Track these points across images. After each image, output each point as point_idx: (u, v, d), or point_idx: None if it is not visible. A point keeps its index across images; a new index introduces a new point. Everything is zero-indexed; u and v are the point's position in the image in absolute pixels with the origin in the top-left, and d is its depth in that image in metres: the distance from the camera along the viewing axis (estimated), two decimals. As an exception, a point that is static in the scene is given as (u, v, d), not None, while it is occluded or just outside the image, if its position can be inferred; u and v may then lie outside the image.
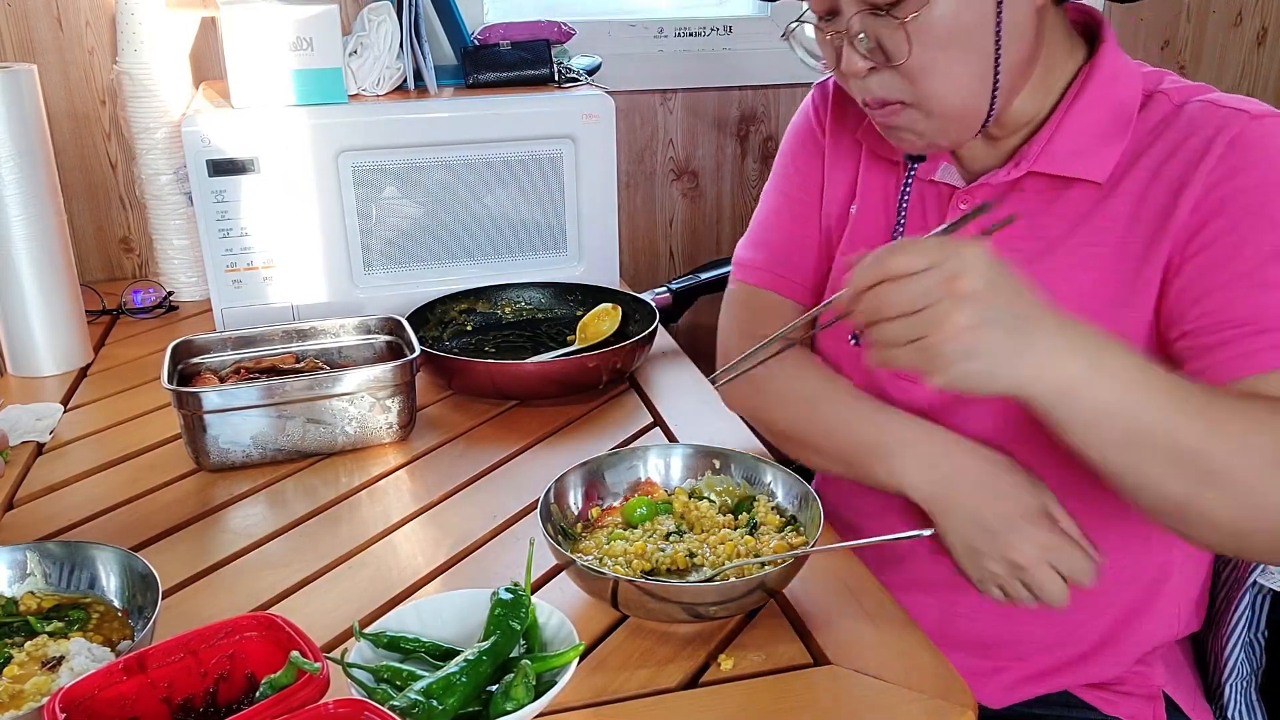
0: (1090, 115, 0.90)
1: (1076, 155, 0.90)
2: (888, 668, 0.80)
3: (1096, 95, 0.91)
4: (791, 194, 1.13)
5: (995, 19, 0.83)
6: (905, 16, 0.81)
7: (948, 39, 0.83)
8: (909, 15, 0.81)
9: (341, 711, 0.64)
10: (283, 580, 0.93)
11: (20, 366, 1.38)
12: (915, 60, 0.83)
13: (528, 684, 0.72)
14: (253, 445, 1.12)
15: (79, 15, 1.64)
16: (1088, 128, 0.90)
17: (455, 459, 1.17)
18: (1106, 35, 0.93)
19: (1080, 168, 0.90)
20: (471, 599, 0.81)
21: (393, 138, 1.46)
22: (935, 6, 0.81)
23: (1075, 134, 0.90)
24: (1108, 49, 0.92)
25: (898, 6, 0.82)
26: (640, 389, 1.34)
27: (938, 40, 0.83)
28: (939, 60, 0.84)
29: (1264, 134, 0.83)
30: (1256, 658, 1.06)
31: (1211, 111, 0.86)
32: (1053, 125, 0.91)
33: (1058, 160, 0.91)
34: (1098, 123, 0.90)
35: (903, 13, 0.82)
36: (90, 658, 0.77)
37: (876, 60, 0.86)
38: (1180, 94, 0.90)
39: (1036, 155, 0.92)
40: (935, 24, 0.82)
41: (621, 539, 0.91)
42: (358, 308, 1.51)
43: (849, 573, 0.92)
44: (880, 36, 0.84)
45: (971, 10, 0.82)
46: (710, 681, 0.80)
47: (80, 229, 1.73)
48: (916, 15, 0.81)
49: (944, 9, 0.81)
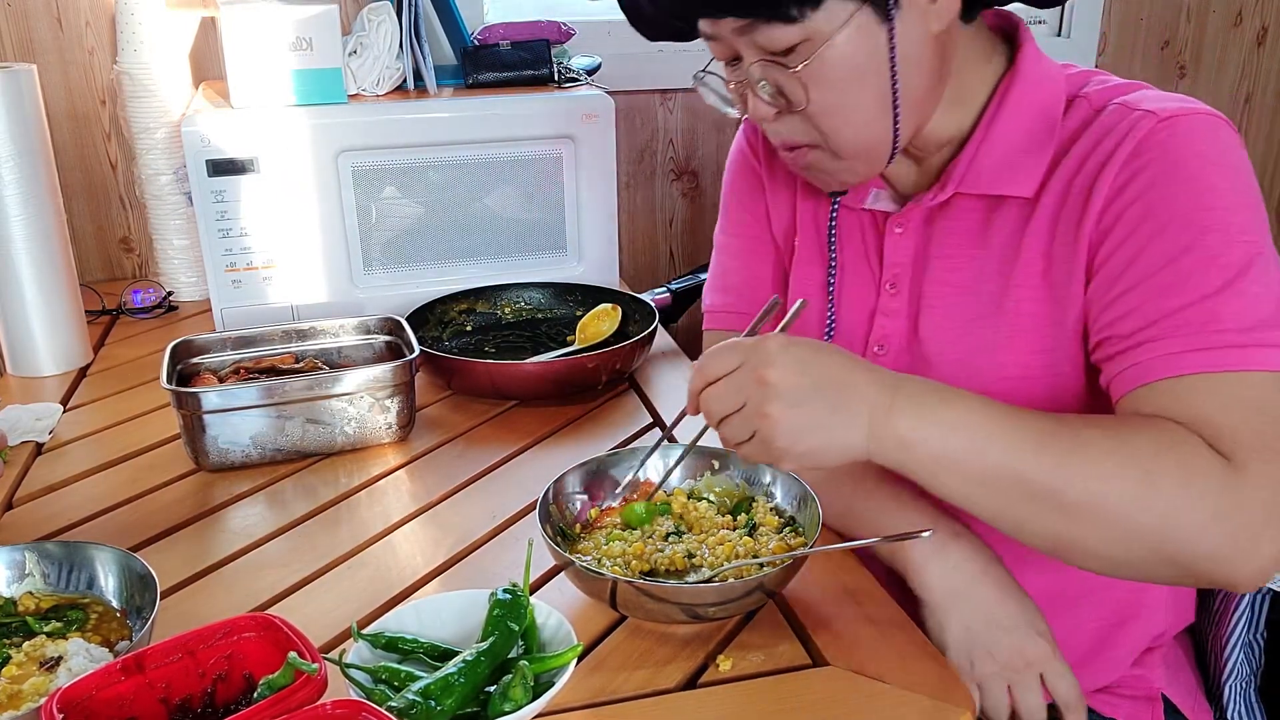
0: (1013, 127, 0.88)
1: (1002, 171, 0.89)
2: (886, 669, 0.80)
3: (1018, 105, 0.89)
4: (742, 231, 1.11)
5: (889, 55, 0.82)
6: (797, 65, 0.81)
7: (842, 81, 0.82)
8: (799, 64, 0.81)
9: (339, 712, 0.64)
10: (282, 580, 0.93)
11: (20, 366, 1.38)
12: (814, 105, 0.83)
13: (526, 685, 0.72)
14: (252, 445, 1.12)
15: (79, 15, 1.64)
16: (1011, 141, 0.88)
17: (454, 459, 1.17)
18: (1025, 39, 0.91)
19: (1007, 184, 0.89)
20: (470, 599, 0.81)
21: (392, 138, 1.46)
22: (826, 51, 0.80)
23: (998, 150, 0.89)
24: (1027, 54, 0.90)
25: (789, 55, 0.82)
26: (640, 389, 1.34)
27: (832, 83, 0.82)
28: (837, 102, 0.83)
29: (1169, 134, 0.81)
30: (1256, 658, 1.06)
31: (1122, 114, 0.84)
32: (975, 142, 0.90)
33: (984, 179, 0.89)
34: (1021, 135, 0.88)
35: (794, 62, 0.81)
36: (88, 658, 0.77)
37: (780, 105, 0.85)
38: (1101, 96, 0.87)
39: (962, 175, 0.90)
40: (828, 68, 0.81)
41: (620, 540, 0.91)
42: (357, 308, 1.51)
43: (848, 574, 0.92)
44: (779, 83, 0.84)
45: (862, 51, 0.81)
46: (709, 682, 0.80)
47: (80, 229, 1.73)
48: (808, 62, 0.81)
49: (835, 53, 0.81)
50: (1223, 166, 0.80)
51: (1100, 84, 0.89)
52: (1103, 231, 0.83)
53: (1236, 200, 0.79)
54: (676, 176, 2.02)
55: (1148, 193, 0.80)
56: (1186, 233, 0.78)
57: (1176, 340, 0.76)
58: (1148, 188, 0.80)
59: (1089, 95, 0.88)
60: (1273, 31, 2.21)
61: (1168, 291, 0.78)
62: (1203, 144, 0.80)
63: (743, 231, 1.11)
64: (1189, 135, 0.80)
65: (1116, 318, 0.81)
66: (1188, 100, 0.84)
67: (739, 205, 1.11)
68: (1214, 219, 0.78)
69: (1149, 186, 0.80)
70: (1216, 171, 0.79)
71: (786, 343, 0.76)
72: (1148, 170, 0.80)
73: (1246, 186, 0.80)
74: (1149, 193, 0.80)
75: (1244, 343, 0.75)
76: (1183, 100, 0.84)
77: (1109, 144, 0.83)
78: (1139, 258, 0.80)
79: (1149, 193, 0.80)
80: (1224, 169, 0.80)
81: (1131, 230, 0.80)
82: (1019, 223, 0.89)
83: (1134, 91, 0.86)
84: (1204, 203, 0.78)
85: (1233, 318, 0.75)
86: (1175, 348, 0.76)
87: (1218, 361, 0.75)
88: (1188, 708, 1.01)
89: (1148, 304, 0.79)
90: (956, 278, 0.93)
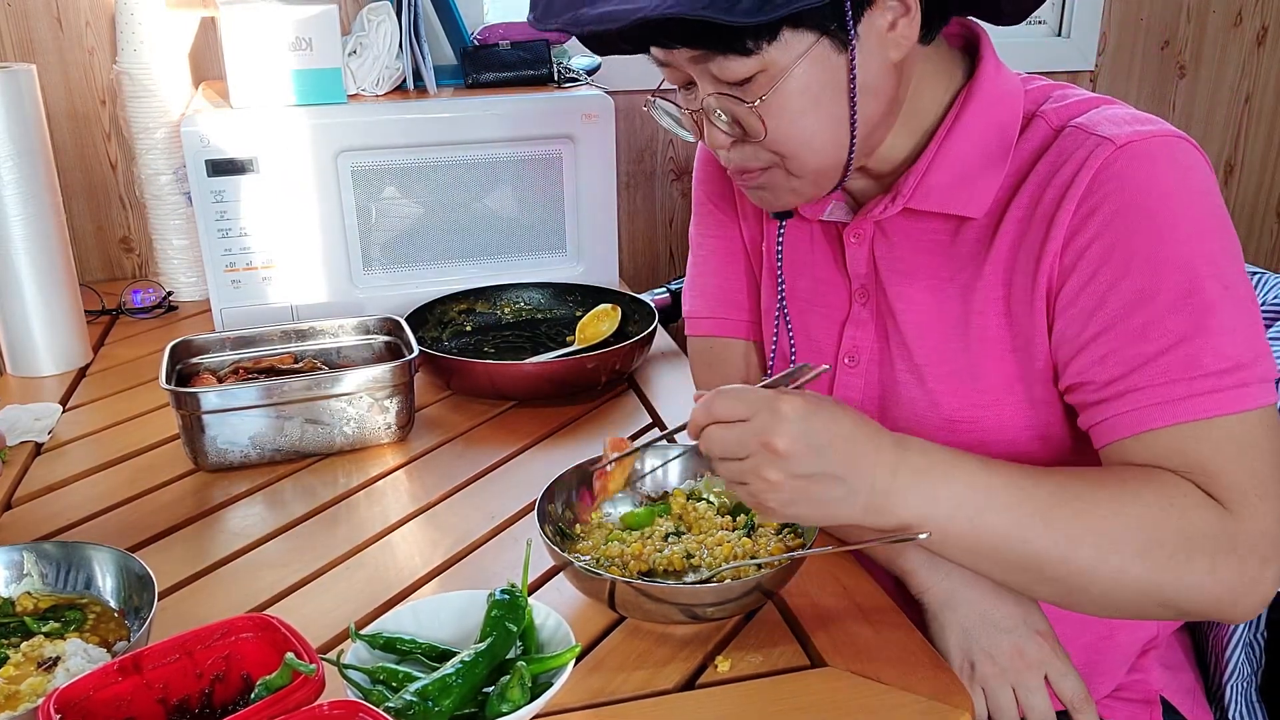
0: (966, 147, 0.86)
1: (952, 190, 0.86)
2: (885, 670, 0.80)
3: (973, 123, 0.86)
4: (718, 232, 1.10)
5: (849, 84, 0.80)
6: (753, 100, 0.79)
7: (800, 111, 0.80)
8: (756, 98, 0.79)
9: (336, 713, 0.64)
10: (280, 581, 0.93)
11: (19, 366, 1.38)
12: (771, 135, 0.81)
13: (524, 685, 0.71)
14: (251, 445, 1.12)
15: (79, 15, 1.64)
16: (964, 160, 0.86)
17: (454, 459, 1.16)
18: (984, 54, 0.88)
19: (956, 203, 0.86)
20: (468, 600, 0.81)
21: (392, 138, 1.46)
22: (783, 84, 0.78)
23: (950, 168, 0.86)
24: (985, 70, 0.87)
25: (745, 86, 0.80)
26: (639, 390, 1.34)
27: (790, 113, 0.80)
28: (794, 130, 0.81)
29: (1125, 164, 0.78)
30: (1256, 658, 1.06)
31: (1079, 139, 0.81)
32: (927, 158, 0.87)
33: (933, 196, 0.87)
34: (974, 154, 0.86)
35: (750, 95, 0.80)
36: (86, 658, 0.77)
37: (735, 134, 0.84)
38: (1060, 115, 0.84)
39: (911, 191, 0.88)
40: (785, 100, 0.79)
41: (619, 540, 0.91)
42: (357, 308, 1.51)
43: (847, 575, 0.92)
44: (735, 115, 0.82)
45: (820, 81, 0.79)
46: (707, 683, 0.80)
47: (80, 229, 1.73)
48: (765, 96, 0.79)
49: (792, 85, 0.79)
50: (1183, 196, 0.77)
51: (1059, 101, 0.86)
52: (1064, 270, 0.81)
53: (1199, 228, 0.77)
54: (676, 176, 2.02)
55: (1107, 231, 0.78)
56: (1153, 274, 0.76)
57: (1159, 390, 0.76)
58: (1107, 225, 0.78)
59: (1046, 114, 0.85)
60: (1273, 31, 2.21)
61: (1141, 336, 0.77)
62: (1162, 173, 0.78)
63: (718, 232, 1.10)
64: (1147, 164, 0.78)
65: (1091, 363, 0.80)
66: (1147, 121, 0.81)
67: (712, 205, 1.10)
68: (1179, 255, 0.76)
69: (1108, 224, 0.78)
70: (1177, 202, 0.77)
71: (802, 411, 0.73)
72: (1106, 205, 0.78)
73: (1209, 210, 0.78)
74: (1108, 231, 0.78)
75: (1227, 385, 0.75)
76: (1141, 122, 0.81)
77: (1067, 172, 0.81)
78: (1106, 300, 0.78)
79: (1108, 231, 0.78)
80: (1185, 198, 0.77)
81: (1095, 271, 0.79)
82: (978, 246, 0.87)
83: (1093, 110, 0.84)
84: (1167, 240, 0.76)
85: (1212, 359, 0.75)
86: (1159, 397, 0.76)
87: (1205, 408, 0.75)
88: (1187, 709, 1.00)
89: (1123, 350, 0.78)
90: (917, 294, 0.91)
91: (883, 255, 0.92)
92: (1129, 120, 0.81)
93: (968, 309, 0.88)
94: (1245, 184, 2.33)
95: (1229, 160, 2.30)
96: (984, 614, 0.86)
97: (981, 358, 0.88)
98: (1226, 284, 0.76)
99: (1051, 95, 0.87)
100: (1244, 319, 0.77)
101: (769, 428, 0.72)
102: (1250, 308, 0.78)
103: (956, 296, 0.88)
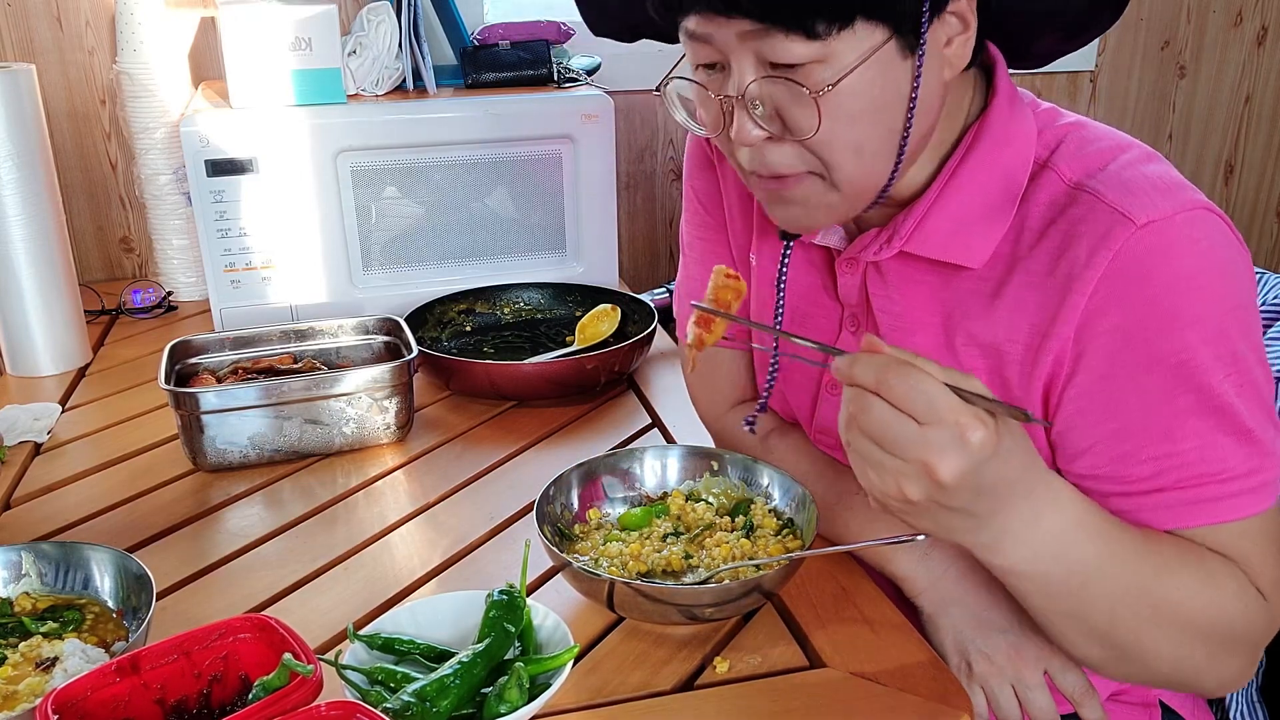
0: (970, 189, 0.81)
1: (951, 237, 0.81)
2: (884, 671, 0.80)
3: (980, 164, 0.81)
4: (703, 234, 1.06)
5: (910, 94, 0.75)
6: (818, 89, 0.71)
7: (859, 112, 0.74)
8: (822, 88, 0.71)
9: (333, 714, 0.64)
10: (279, 581, 0.93)
11: (19, 366, 1.38)
12: (824, 134, 0.74)
13: (522, 686, 0.71)
14: (250, 446, 1.12)
15: (79, 15, 1.64)
16: (967, 206, 0.81)
17: (453, 460, 1.16)
18: (1000, 85, 0.82)
19: (953, 251, 0.81)
20: (467, 600, 0.81)
21: (392, 138, 1.46)
22: (850, 79, 0.72)
23: (951, 212, 0.81)
24: (999, 105, 0.81)
25: (806, 73, 0.72)
26: (639, 390, 1.34)
27: (849, 114, 0.73)
28: (847, 134, 0.74)
29: (1145, 252, 0.73)
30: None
31: (1097, 211, 0.75)
32: (929, 199, 0.82)
33: (930, 242, 0.82)
34: (978, 198, 0.81)
35: (814, 83, 0.71)
36: (85, 659, 0.77)
37: (773, 129, 0.75)
38: (1074, 170, 0.79)
39: (908, 234, 0.83)
40: (849, 99, 0.72)
41: (618, 540, 0.91)
42: (356, 308, 1.51)
43: (845, 576, 0.92)
44: (782, 106, 0.74)
45: (888, 85, 0.73)
46: (706, 684, 0.79)
47: (80, 229, 1.73)
48: (832, 87, 0.72)
49: (859, 82, 0.72)
50: (1205, 287, 0.74)
51: (1074, 150, 0.80)
52: (1076, 356, 0.77)
53: (1221, 326, 0.74)
54: (676, 176, 2.02)
55: (1126, 325, 0.75)
56: (1173, 374, 0.74)
57: (1190, 491, 0.76)
58: (1125, 319, 0.75)
59: (1059, 167, 0.80)
60: (1273, 31, 2.20)
61: (1167, 437, 0.75)
62: (1183, 261, 0.74)
63: (706, 234, 1.06)
64: (1168, 251, 0.74)
65: (1113, 459, 0.77)
66: (1167, 190, 0.76)
67: (702, 208, 1.06)
68: (1200, 356, 0.74)
69: (1127, 317, 0.74)
70: (1199, 297, 0.74)
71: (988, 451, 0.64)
72: (1124, 297, 0.74)
73: (1232, 296, 0.75)
74: (1127, 325, 0.75)
75: (1254, 485, 0.76)
76: (1161, 190, 0.76)
77: (1082, 250, 0.75)
78: (1125, 398, 0.76)
79: (1127, 325, 0.75)
80: (1207, 290, 0.74)
81: (1111, 365, 0.76)
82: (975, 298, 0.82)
83: (1110, 164, 0.78)
84: (1189, 339, 0.74)
85: (1239, 460, 0.75)
86: (1191, 498, 0.76)
87: (1237, 509, 0.76)
88: (1187, 711, 1.00)
89: (1147, 449, 0.76)
90: (906, 335, 0.87)
91: (875, 291, 0.88)
92: (1148, 188, 0.76)
93: (957, 359, 0.84)
94: (1245, 184, 2.33)
95: (1229, 160, 2.30)
96: (979, 615, 0.86)
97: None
98: (1244, 381, 0.75)
99: (1066, 139, 0.81)
100: (1263, 411, 0.76)
101: (943, 450, 0.63)
102: (1266, 393, 0.77)
103: (946, 346, 0.85)
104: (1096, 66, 2.14)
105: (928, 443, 0.64)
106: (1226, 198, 2.32)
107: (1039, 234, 0.79)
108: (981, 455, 0.64)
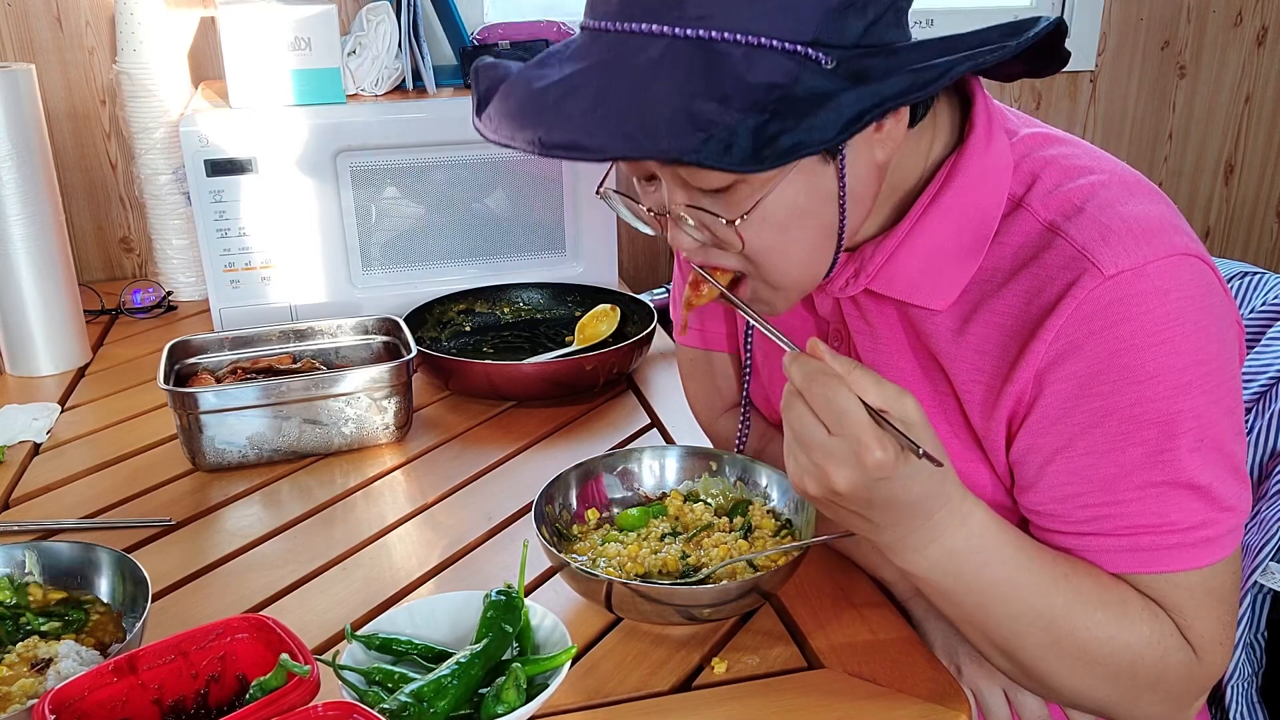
0: (941, 232, 0.79)
1: (919, 279, 0.80)
2: (882, 671, 0.80)
3: (952, 205, 0.78)
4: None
5: (839, 193, 0.74)
6: (734, 216, 0.72)
7: (784, 225, 0.73)
8: (738, 215, 0.72)
9: (330, 714, 0.64)
10: (277, 581, 0.93)
11: (18, 366, 1.38)
12: (750, 248, 0.75)
13: (519, 687, 0.71)
14: (249, 446, 1.12)
15: (79, 15, 1.64)
16: (936, 246, 0.79)
17: (452, 460, 1.16)
18: (977, 118, 0.79)
19: (920, 294, 0.80)
20: (465, 601, 0.81)
21: (391, 138, 1.46)
22: (768, 199, 0.71)
23: (920, 254, 0.80)
24: (975, 141, 0.78)
25: (723, 201, 0.72)
26: (638, 390, 1.34)
27: (775, 226, 0.73)
28: (775, 244, 0.74)
29: (1110, 304, 0.72)
30: (1257, 659, 1.05)
31: (1068, 259, 0.73)
32: (898, 236, 0.80)
33: (896, 284, 0.81)
34: (949, 241, 0.79)
35: (730, 212, 0.72)
36: (79, 660, 0.77)
37: (706, 239, 0.76)
38: (1049, 209, 0.76)
39: (875, 272, 0.82)
40: (769, 215, 0.72)
41: (616, 541, 0.91)
42: (356, 308, 1.50)
43: (843, 576, 0.92)
44: (708, 225, 0.75)
45: (806, 193, 0.73)
46: (704, 685, 0.79)
47: (80, 229, 1.73)
48: (747, 215, 0.72)
49: (777, 199, 0.72)
50: (1170, 344, 0.72)
51: (1051, 186, 0.77)
52: (1033, 398, 0.76)
53: (1183, 382, 0.72)
54: (676, 177, 2.01)
55: (1084, 375, 0.73)
56: (1127, 428, 0.73)
57: (1126, 539, 0.75)
58: (1084, 369, 0.73)
59: (1033, 206, 0.77)
60: (1273, 31, 2.20)
61: (1109, 487, 0.74)
62: (1149, 316, 0.71)
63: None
64: (1134, 304, 0.72)
65: (1058, 499, 0.77)
66: (1146, 233, 0.73)
67: None
68: (1156, 412, 0.72)
69: (1086, 368, 0.73)
70: (1163, 350, 0.72)
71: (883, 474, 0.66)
72: (1085, 348, 0.73)
73: (1200, 348, 0.72)
74: (1085, 376, 0.73)
75: (1194, 540, 0.74)
76: (1138, 235, 0.73)
77: (1049, 295, 0.74)
78: (1075, 443, 0.75)
79: (1085, 376, 0.73)
80: (1171, 347, 0.72)
81: (1065, 410, 0.74)
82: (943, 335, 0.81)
83: (1088, 204, 0.75)
84: (1146, 394, 0.72)
85: (1180, 515, 0.74)
86: (1127, 545, 0.75)
87: (1177, 561, 0.75)
88: (1185, 711, 1.00)
89: (1090, 495, 0.75)
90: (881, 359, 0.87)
91: (850, 313, 0.88)
92: (1123, 233, 0.73)
93: (933, 383, 0.84)
94: (1245, 184, 2.33)
95: (1229, 160, 2.30)
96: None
97: (941, 425, 0.84)
98: (1204, 436, 0.73)
99: (1042, 173, 0.78)
100: (1224, 465, 0.74)
101: (841, 462, 0.66)
102: (1229, 451, 0.75)
103: (923, 378, 0.84)
104: (1096, 66, 2.14)
105: (829, 451, 0.67)
106: (1226, 198, 2.32)
107: (1009, 274, 0.77)
108: (876, 475, 0.66)
